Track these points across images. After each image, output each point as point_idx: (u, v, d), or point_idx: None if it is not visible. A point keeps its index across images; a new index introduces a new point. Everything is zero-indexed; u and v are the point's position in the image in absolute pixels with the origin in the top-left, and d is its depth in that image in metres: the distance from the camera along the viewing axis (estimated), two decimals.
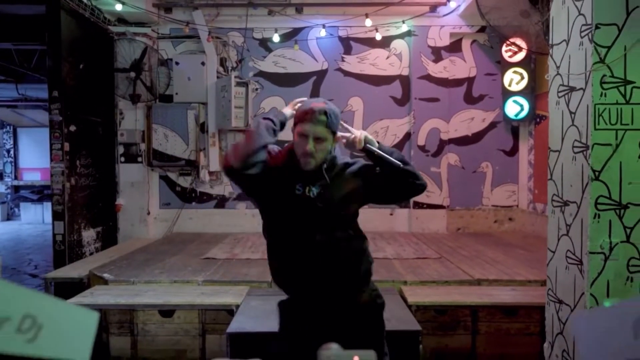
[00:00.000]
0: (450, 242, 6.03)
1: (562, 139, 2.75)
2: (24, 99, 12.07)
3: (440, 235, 6.65)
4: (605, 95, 2.43)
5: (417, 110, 7.00)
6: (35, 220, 14.02)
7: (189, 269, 4.59)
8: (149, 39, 6.82)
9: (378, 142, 1.95)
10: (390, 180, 1.91)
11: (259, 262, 4.68)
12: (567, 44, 2.70)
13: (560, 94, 2.77)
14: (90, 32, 6.38)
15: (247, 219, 7.01)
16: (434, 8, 6.79)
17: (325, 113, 1.81)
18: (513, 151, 7.10)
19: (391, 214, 7.06)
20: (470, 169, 7.12)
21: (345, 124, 2.03)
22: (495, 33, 5.81)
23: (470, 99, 7.11)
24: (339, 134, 1.95)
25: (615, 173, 2.44)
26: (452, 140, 7.08)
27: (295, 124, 1.89)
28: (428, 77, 7.00)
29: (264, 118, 1.96)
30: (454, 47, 7.04)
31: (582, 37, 2.53)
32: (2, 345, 0.36)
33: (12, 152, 15.44)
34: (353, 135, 1.95)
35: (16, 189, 15.14)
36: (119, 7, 6.04)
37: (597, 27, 2.43)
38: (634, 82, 2.43)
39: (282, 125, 2.00)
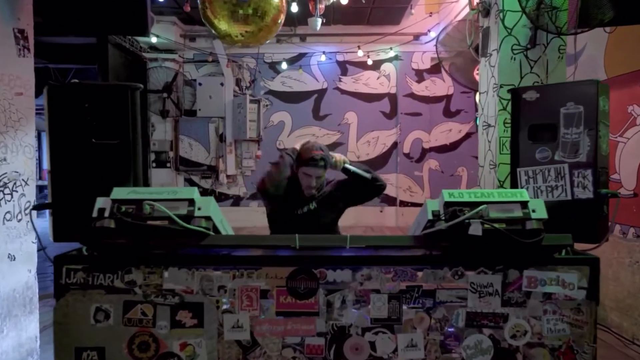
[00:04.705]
0: None
1: (485, 158, 4.00)
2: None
3: None
4: (506, 132, 3.69)
5: (403, 123, 8.25)
6: None
7: None
8: (176, 63, 8.08)
9: (350, 162, 2.68)
10: (361, 186, 2.66)
11: None
12: (487, 94, 3.96)
13: (483, 128, 4.03)
14: (128, 59, 7.64)
15: (257, 215, 8.22)
16: (417, 37, 8.04)
17: (323, 159, 2.39)
18: None
19: (381, 211, 8.32)
20: (448, 172, 8.37)
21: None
22: (455, 82, 7.08)
23: (448, 113, 8.36)
24: None
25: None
26: (432, 149, 8.34)
27: (300, 165, 2.41)
28: (412, 95, 8.25)
29: (286, 154, 2.63)
30: (434, 69, 8.28)
31: (493, 91, 3.79)
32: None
33: (37, 154, 16.71)
34: (334, 160, 2.56)
35: (40, 188, 16.40)
36: (154, 39, 7.31)
37: (501, 86, 3.68)
38: None
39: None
